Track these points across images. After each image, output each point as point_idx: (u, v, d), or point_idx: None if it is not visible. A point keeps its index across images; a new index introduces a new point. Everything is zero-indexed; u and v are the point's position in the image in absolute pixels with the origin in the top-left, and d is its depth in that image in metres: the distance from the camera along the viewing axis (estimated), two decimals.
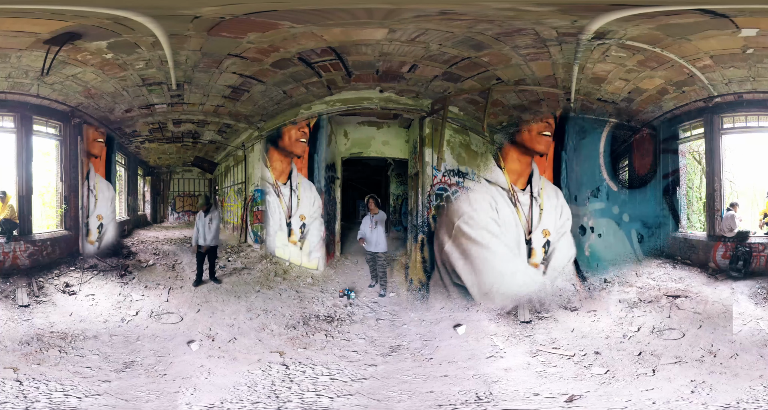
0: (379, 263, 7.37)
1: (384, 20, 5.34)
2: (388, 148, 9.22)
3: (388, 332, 5.95)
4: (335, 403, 4.21)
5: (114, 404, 4.12)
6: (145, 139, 9.49)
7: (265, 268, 8.14)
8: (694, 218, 8.25)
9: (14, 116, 6.97)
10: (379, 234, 7.24)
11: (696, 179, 8.87)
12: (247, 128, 9.22)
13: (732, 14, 4.93)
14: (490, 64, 6.47)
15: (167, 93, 7.39)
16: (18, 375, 4.46)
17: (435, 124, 7.97)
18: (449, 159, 8.21)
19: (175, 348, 5.35)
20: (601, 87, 6.93)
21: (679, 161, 7.85)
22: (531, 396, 4.28)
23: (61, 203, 7.75)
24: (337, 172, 9.01)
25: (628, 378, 4.57)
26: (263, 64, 6.53)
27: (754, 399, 4.10)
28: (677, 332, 5.51)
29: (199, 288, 7.12)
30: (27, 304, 6.01)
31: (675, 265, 7.37)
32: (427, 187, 8.02)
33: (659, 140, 7.94)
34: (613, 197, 7.92)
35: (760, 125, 7.03)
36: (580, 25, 5.26)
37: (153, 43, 5.71)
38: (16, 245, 6.85)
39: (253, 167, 9.47)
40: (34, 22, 5.17)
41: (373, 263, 7.47)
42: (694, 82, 6.53)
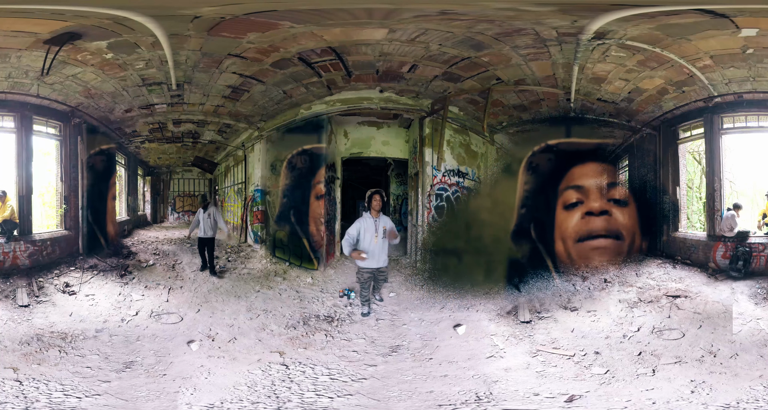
0: (381, 279, 6.23)
1: (384, 20, 5.34)
2: (388, 148, 9.22)
3: (388, 332, 5.95)
4: (335, 403, 4.21)
5: (114, 404, 4.12)
6: (145, 139, 9.49)
7: (265, 268, 8.14)
8: (694, 218, 8.26)
9: (14, 115, 6.96)
10: (384, 246, 5.91)
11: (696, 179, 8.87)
12: (247, 128, 9.22)
13: (732, 14, 4.94)
14: (490, 64, 6.47)
15: (167, 93, 7.40)
16: (18, 375, 4.45)
17: (435, 124, 7.97)
18: (449, 159, 8.22)
19: (175, 348, 5.35)
20: (601, 87, 6.93)
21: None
22: (531, 396, 4.28)
23: (61, 203, 7.74)
24: (337, 172, 9.00)
25: (628, 378, 4.56)
26: (263, 64, 6.53)
27: (754, 399, 4.10)
28: (677, 332, 5.51)
29: (199, 288, 7.13)
30: (27, 304, 6.01)
31: (675, 265, 7.37)
32: (427, 187, 8.03)
33: (659, 140, 7.94)
34: None
35: (760, 125, 7.03)
36: (580, 25, 5.26)
37: (153, 43, 5.71)
38: (16, 245, 6.85)
39: (253, 167, 9.47)
40: (34, 22, 5.17)
41: (371, 282, 6.09)
42: (694, 82, 6.53)
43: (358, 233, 5.83)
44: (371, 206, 5.87)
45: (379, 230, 5.81)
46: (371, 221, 5.87)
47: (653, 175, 7.98)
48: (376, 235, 5.80)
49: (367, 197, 5.92)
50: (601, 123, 7.79)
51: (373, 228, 5.83)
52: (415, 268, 8.23)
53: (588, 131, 7.80)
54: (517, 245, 7.59)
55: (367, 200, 5.90)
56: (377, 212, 5.88)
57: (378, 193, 5.89)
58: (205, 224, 7.85)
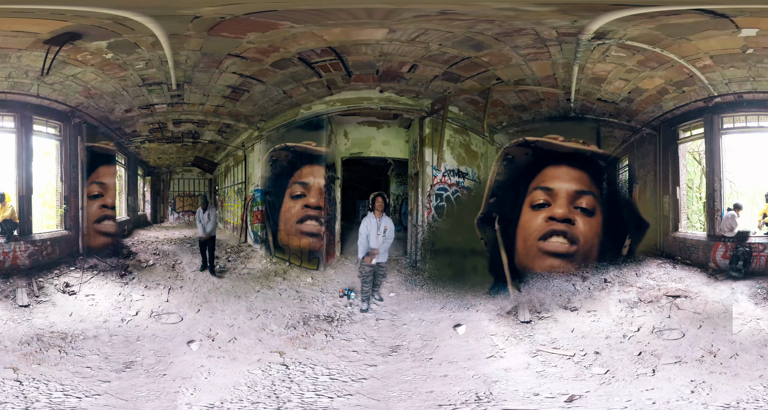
0: (381, 274, 6.70)
1: (384, 20, 5.34)
2: (388, 148, 9.22)
3: (388, 332, 5.95)
4: (335, 403, 4.21)
5: (114, 404, 4.12)
6: (145, 139, 9.49)
7: (265, 268, 8.15)
8: (694, 218, 8.26)
9: (14, 116, 6.96)
10: (384, 243, 6.45)
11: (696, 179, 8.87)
12: (247, 128, 9.22)
13: (732, 14, 4.94)
14: (490, 64, 6.47)
15: (167, 93, 7.40)
16: (18, 375, 4.45)
17: (435, 124, 7.97)
18: (449, 159, 8.22)
19: (175, 348, 5.35)
20: (601, 87, 6.93)
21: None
22: (531, 396, 4.28)
23: (61, 203, 7.75)
24: (337, 172, 9.00)
25: (628, 378, 4.56)
26: (263, 64, 6.54)
27: (754, 399, 4.10)
28: (677, 332, 5.51)
29: (199, 288, 7.14)
30: (27, 304, 6.01)
31: (675, 265, 7.37)
32: (427, 187, 8.03)
33: (659, 140, 7.94)
34: None
35: (760, 125, 7.03)
36: (580, 25, 5.26)
37: (153, 43, 5.71)
38: (16, 245, 6.85)
39: (253, 167, 9.47)
40: (34, 22, 5.17)
41: (372, 277, 6.53)
42: (694, 82, 6.53)
43: (367, 233, 6.36)
44: (375, 207, 6.40)
45: (380, 229, 6.35)
46: (375, 220, 6.39)
47: (652, 176, 7.99)
48: (378, 233, 6.35)
49: (371, 199, 6.47)
50: (601, 123, 7.79)
51: (377, 227, 6.36)
52: (415, 268, 8.23)
53: (588, 131, 7.77)
54: (482, 233, 7.56)
55: (371, 202, 6.46)
56: (380, 212, 6.42)
57: (380, 195, 6.44)
58: (204, 223, 7.96)
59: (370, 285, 6.53)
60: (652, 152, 8.02)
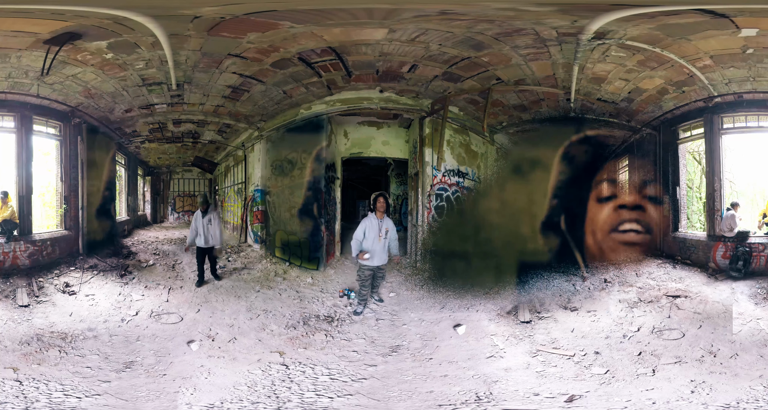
0: (380, 276, 6.45)
1: (384, 20, 5.34)
2: (388, 148, 9.22)
3: (388, 332, 5.95)
4: (335, 403, 4.21)
5: (114, 404, 4.12)
6: (145, 139, 9.49)
7: (265, 268, 8.14)
8: (694, 218, 8.25)
9: (14, 115, 6.96)
10: (385, 246, 6.18)
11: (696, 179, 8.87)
12: (247, 128, 9.22)
13: (732, 14, 4.94)
14: (490, 64, 6.47)
15: (167, 93, 7.40)
16: (18, 375, 4.46)
17: (435, 124, 7.97)
18: (449, 159, 8.23)
19: (175, 348, 5.35)
20: (601, 87, 6.93)
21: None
22: (531, 396, 4.28)
23: (61, 203, 7.74)
24: (337, 172, 9.00)
25: (628, 378, 4.57)
26: (263, 64, 6.54)
27: (754, 399, 4.10)
28: (677, 332, 5.51)
29: (199, 288, 7.12)
30: (27, 304, 6.01)
31: (675, 265, 7.37)
32: (427, 187, 8.03)
33: (659, 140, 7.93)
34: None
35: (760, 125, 7.03)
36: (580, 25, 5.26)
37: (153, 43, 5.71)
38: (16, 245, 6.85)
39: (253, 167, 9.47)
40: (34, 22, 5.17)
41: (371, 280, 6.30)
42: (694, 82, 6.53)
43: (364, 233, 6.12)
44: (376, 208, 6.16)
45: (382, 231, 6.12)
46: (376, 221, 6.17)
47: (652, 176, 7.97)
48: (379, 235, 6.11)
49: (372, 199, 6.22)
50: (601, 123, 7.78)
51: (377, 228, 6.13)
52: (415, 268, 8.23)
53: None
54: (545, 239, 7.31)
55: (372, 202, 6.21)
56: (382, 213, 6.20)
57: (382, 196, 6.18)
58: (205, 231, 7.19)
59: (368, 289, 6.39)
60: (652, 152, 8.02)
